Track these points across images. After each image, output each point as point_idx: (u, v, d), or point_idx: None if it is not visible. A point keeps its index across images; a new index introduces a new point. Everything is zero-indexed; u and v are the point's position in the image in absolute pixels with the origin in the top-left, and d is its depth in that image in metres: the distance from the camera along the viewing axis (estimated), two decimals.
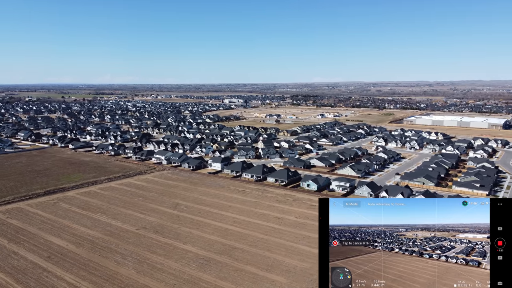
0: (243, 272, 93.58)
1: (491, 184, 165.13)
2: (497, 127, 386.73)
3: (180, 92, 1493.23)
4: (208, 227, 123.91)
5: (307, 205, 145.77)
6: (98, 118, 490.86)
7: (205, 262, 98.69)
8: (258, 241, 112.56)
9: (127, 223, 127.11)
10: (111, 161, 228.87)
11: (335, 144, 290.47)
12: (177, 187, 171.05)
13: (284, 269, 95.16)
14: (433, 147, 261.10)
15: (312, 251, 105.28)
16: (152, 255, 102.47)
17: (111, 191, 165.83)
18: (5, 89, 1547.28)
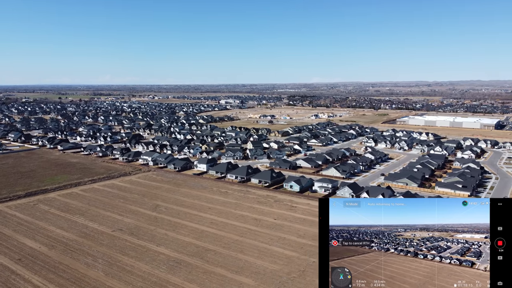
0: (212, 274, 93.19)
1: (473, 185, 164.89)
2: (489, 127, 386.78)
3: (179, 92, 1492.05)
4: (185, 228, 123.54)
5: (287, 207, 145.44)
6: (91, 119, 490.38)
7: (176, 264, 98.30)
8: (232, 243, 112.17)
9: (103, 225, 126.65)
10: (98, 162, 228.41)
11: (325, 145, 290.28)
12: (159, 189, 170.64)
13: (254, 271, 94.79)
14: (422, 147, 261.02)
15: (285, 252, 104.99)
16: (123, 257, 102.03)
17: (93, 192, 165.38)
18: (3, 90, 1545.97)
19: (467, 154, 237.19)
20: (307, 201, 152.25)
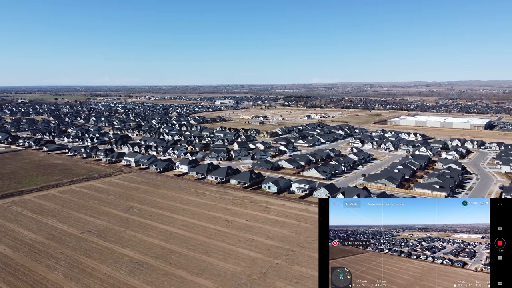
0: (172, 276, 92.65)
1: (451, 186, 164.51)
2: (479, 127, 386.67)
3: (177, 93, 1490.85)
4: (154, 230, 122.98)
5: (261, 208, 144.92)
6: (83, 120, 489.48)
7: (138, 266, 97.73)
8: (199, 244, 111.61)
9: (73, 226, 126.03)
10: (81, 163, 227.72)
11: (312, 145, 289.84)
12: (137, 190, 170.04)
13: (215, 273, 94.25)
14: (408, 148, 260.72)
15: (250, 254, 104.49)
16: (86, 260, 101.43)
17: (70, 194, 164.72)
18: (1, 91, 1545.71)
19: (451, 155, 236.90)
20: (282, 202, 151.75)
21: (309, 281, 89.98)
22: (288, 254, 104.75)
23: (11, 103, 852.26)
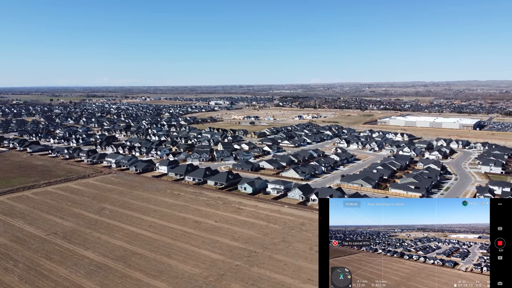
0: (128, 278, 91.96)
1: (427, 186, 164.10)
2: (468, 127, 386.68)
3: (174, 94, 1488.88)
4: (121, 232, 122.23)
5: (233, 209, 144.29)
6: (73, 121, 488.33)
7: (96, 268, 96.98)
8: (162, 246, 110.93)
9: (40, 228, 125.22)
10: (62, 164, 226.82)
11: (297, 146, 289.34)
12: (112, 191, 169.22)
13: (172, 275, 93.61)
14: (392, 148, 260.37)
15: (211, 256, 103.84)
16: (46, 262, 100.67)
17: (44, 195, 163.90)
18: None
19: (434, 155, 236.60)
20: (256, 203, 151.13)
21: (265, 283, 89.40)
22: (250, 255, 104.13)
23: (5, 104, 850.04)
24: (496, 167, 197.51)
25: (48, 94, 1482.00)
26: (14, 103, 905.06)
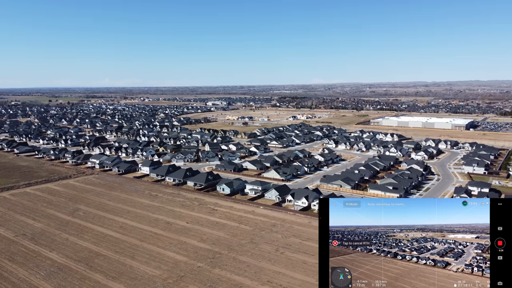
0: (86, 280, 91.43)
1: (406, 187, 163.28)
2: (460, 128, 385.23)
3: (174, 94, 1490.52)
4: (90, 233, 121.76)
5: (208, 210, 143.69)
6: (66, 122, 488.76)
7: (56, 270, 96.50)
8: (129, 247, 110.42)
9: (10, 229, 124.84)
10: (46, 165, 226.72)
11: (286, 146, 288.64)
12: (90, 192, 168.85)
13: (132, 277, 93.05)
14: (379, 148, 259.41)
15: (175, 257, 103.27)
16: (7, 263, 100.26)
17: (21, 196, 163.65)
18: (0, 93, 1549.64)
19: (420, 155, 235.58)
20: (231, 204, 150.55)
21: (223, 284, 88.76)
22: (214, 257, 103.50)
23: (3, 105, 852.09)
24: (479, 168, 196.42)
25: (49, 95, 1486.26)
26: (12, 104, 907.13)
